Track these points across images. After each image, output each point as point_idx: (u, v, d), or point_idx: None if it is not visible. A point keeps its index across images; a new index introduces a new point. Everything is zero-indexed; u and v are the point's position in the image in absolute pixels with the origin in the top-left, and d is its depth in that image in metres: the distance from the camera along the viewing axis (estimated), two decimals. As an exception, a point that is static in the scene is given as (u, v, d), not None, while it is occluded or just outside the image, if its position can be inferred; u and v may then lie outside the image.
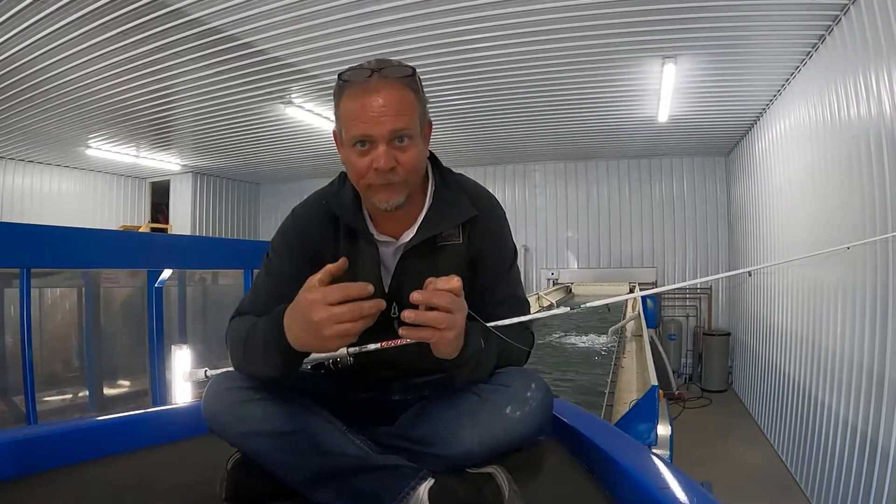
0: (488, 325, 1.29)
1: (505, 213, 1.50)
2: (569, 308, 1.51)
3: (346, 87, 1.27)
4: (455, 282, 1.13)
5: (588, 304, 1.64)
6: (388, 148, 1.24)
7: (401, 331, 1.12)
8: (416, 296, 1.10)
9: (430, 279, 1.14)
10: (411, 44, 4.76)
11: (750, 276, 6.87)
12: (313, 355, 1.35)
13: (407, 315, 1.09)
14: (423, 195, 1.41)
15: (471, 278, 1.40)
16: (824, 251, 4.13)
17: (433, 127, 1.43)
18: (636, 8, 4.25)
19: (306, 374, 1.47)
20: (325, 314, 1.05)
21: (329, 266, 1.10)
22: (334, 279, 1.10)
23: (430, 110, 1.38)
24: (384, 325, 1.39)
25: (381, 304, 1.08)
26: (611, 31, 4.66)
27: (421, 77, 1.34)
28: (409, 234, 1.39)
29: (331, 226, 1.40)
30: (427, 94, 1.36)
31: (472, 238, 1.42)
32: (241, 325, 1.31)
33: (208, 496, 1.32)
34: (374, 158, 1.25)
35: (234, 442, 1.28)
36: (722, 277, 9.48)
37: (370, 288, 1.07)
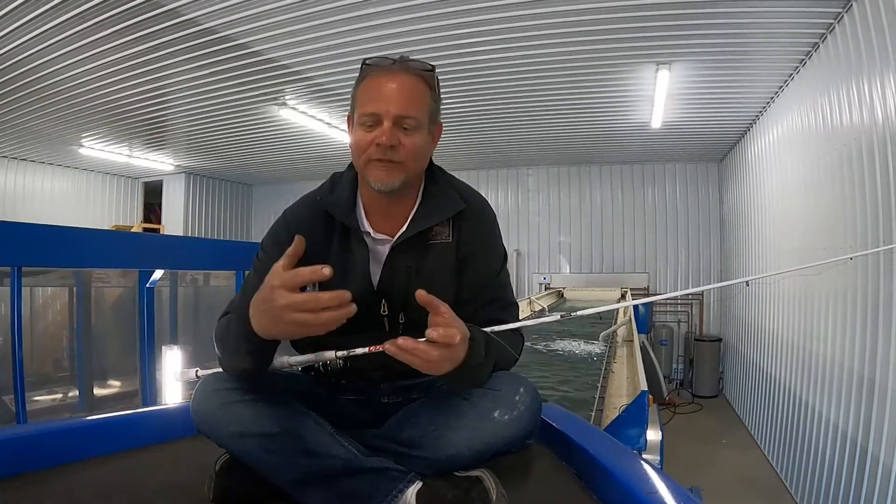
0: (485, 329, 1.29)
1: (495, 215, 1.52)
2: (559, 315, 1.51)
3: (368, 71, 1.35)
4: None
5: (580, 312, 1.64)
6: (394, 128, 1.30)
7: (388, 348, 1.11)
8: (431, 334, 1.10)
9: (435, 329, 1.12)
10: (405, 47, 4.75)
11: (748, 285, 6.88)
12: (302, 357, 1.35)
13: (402, 343, 1.09)
14: (417, 194, 1.44)
15: (459, 278, 1.42)
16: (827, 261, 4.13)
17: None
18: (631, 14, 4.27)
19: (295, 376, 1.47)
20: (284, 301, 1.04)
21: (289, 250, 1.09)
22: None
23: None
24: (374, 324, 1.40)
25: (340, 295, 1.05)
26: (605, 37, 4.68)
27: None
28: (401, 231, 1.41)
29: (322, 225, 1.41)
30: None
31: (461, 237, 1.43)
32: (224, 321, 1.32)
33: (197, 497, 1.32)
34: (377, 134, 1.29)
35: (223, 443, 1.27)
36: (718, 287, 9.49)
37: (325, 271, 1.03)
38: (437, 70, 1.40)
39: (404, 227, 1.40)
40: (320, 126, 7.20)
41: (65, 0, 4.02)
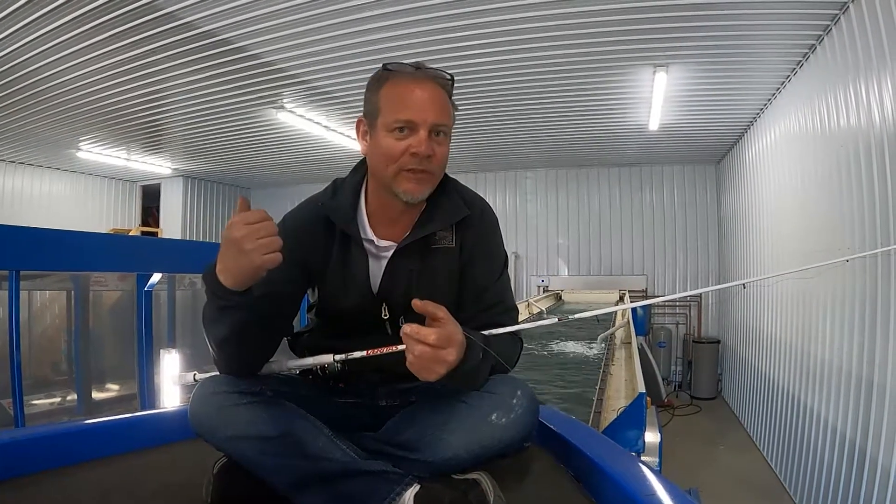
0: (484, 332, 1.30)
1: (497, 220, 1.52)
2: (557, 318, 1.52)
3: (391, 76, 1.34)
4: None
5: (578, 315, 1.64)
6: (428, 137, 1.29)
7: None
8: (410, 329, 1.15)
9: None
10: (403, 50, 4.76)
11: (745, 287, 6.88)
12: (301, 361, 1.36)
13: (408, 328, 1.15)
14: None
15: (461, 282, 1.42)
16: (823, 263, 4.12)
17: None
18: (628, 17, 4.27)
19: (293, 380, 1.47)
20: (244, 231, 1.08)
21: (241, 198, 1.14)
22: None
23: None
24: (376, 327, 1.40)
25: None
26: (603, 40, 4.68)
27: None
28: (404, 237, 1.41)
29: (323, 231, 1.41)
30: None
31: (464, 242, 1.43)
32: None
33: (195, 499, 1.31)
34: (412, 143, 1.29)
35: (221, 446, 1.27)
36: (716, 290, 9.48)
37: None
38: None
39: (408, 232, 1.40)
40: (318, 129, 7.20)
41: (63, 3, 4.02)
